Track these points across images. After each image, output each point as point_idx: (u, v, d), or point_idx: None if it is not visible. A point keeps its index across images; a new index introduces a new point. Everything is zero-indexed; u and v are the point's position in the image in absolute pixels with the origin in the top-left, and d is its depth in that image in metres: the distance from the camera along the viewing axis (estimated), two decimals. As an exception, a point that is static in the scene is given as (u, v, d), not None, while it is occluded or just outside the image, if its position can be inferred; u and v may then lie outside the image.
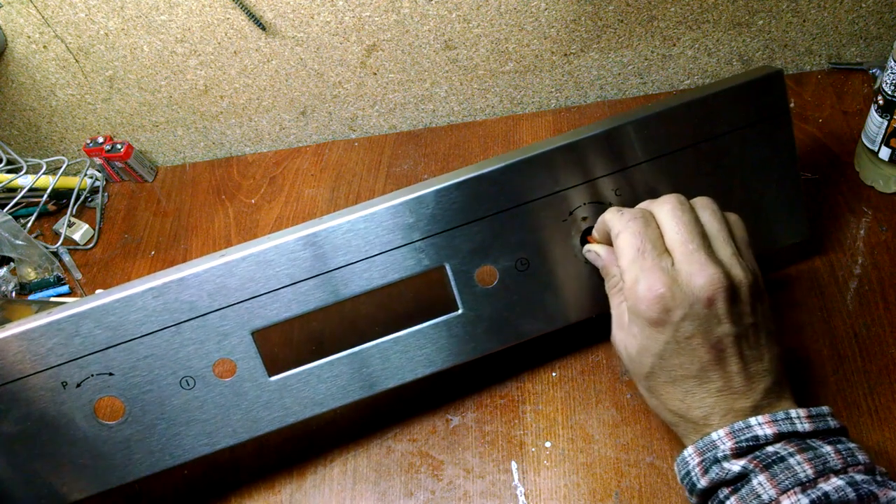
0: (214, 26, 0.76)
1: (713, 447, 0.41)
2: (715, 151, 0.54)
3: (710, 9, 0.73)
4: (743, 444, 0.40)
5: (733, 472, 0.40)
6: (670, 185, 0.54)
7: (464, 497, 0.54)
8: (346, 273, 0.51)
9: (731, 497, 0.40)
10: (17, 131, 0.90)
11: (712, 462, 0.41)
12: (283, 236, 0.50)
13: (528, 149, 0.52)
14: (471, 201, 0.51)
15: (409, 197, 0.50)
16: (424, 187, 0.50)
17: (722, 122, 0.53)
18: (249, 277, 0.50)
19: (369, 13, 0.74)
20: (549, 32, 0.76)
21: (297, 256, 0.50)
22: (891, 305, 0.56)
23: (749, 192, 0.56)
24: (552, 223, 0.53)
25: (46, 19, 0.77)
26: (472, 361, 0.58)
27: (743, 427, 0.41)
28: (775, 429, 0.40)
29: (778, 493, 0.38)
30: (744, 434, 0.41)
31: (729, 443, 0.41)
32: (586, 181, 0.52)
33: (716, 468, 0.41)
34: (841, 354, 0.54)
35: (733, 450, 0.41)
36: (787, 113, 0.54)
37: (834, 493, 0.37)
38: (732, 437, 0.41)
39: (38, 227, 0.87)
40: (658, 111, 0.52)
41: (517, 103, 0.84)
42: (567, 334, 0.59)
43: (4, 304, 0.75)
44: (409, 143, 0.84)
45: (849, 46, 0.76)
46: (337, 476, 0.57)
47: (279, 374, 0.52)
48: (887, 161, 0.61)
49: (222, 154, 0.91)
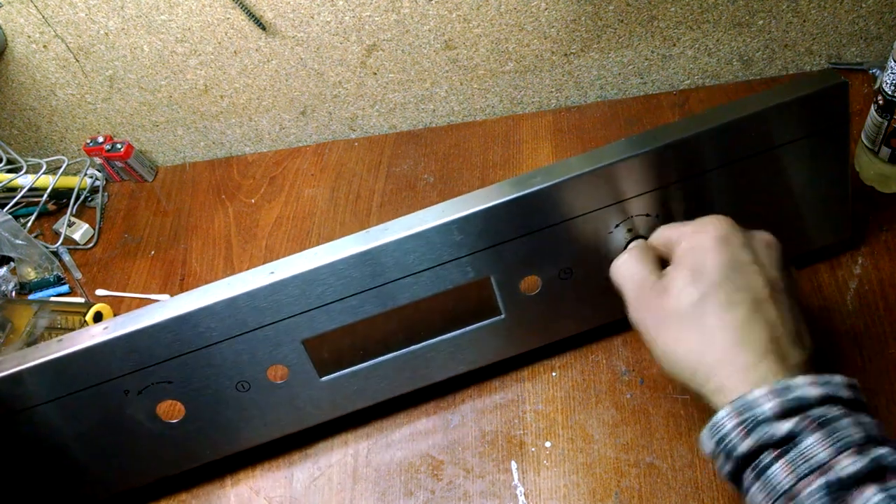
0: (214, 26, 0.76)
1: (753, 406, 0.38)
2: (770, 161, 0.52)
3: (710, 9, 0.73)
4: (789, 404, 0.38)
5: (781, 431, 0.37)
6: (720, 195, 0.53)
7: (464, 497, 0.54)
8: (393, 287, 0.51)
9: (778, 461, 0.37)
10: (17, 131, 0.90)
11: (756, 423, 0.38)
12: (331, 253, 0.50)
13: (576, 163, 0.50)
14: (518, 218, 0.50)
15: (456, 216, 0.49)
16: (472, 204, 0.49)
17: (780, 133, 0.51)
18: (300, 294, 0.50)
19: (369, 13, 0.74)
20: (549, 32, 0.76)
21: (347, 274, 0.50)
22: (891, 305, 0.56)
23: (799, 195, 0.55)
24: (598, 235, 0.52)
25: (46, 19, 0.77)
26: (477, 354, 0.59)
27: (786, 386, 0.38)
28: (821, 391, 0.38)
29: (834, 454, 0.36)
30: (789, 393, 0.38)
31: (772, 402, 0.38)
32: (636, 195, 0.51)
33: (760, 429, 0.38)
34: (841, 354, 0.54)
35: (778, 410, 0.38)
36: (847, 123, 0.52)
37: (888, 455, 0.35)
38: (775, 395, 0.38)
39: (38, 227, 0.87)
40: (716, 125, 0.49)
41: (517, 103, 0.84)
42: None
43: (4, 304, 0.75)
44: (409, 143, 0.84)
45: (849, 46, 0.76)
46: (337, 476, 0.57)
47: (329, 374, 0.55)
48: (887, 161, 0.61)
49: (222, 154, 0.91)
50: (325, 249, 0.50)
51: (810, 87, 0.50)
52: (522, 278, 0.53)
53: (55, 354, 0.49)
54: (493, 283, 0.53)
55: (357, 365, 0.55)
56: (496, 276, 0.53)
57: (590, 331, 0.59)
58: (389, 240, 0.49)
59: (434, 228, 0.49)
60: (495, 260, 0.52)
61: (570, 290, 0.55)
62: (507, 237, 0.51)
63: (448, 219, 0.49)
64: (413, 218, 0.50)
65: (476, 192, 0.50)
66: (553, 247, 0.52)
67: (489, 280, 0.53)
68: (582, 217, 0.51)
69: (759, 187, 0.53)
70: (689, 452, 0.52)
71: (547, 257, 0.53)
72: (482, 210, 0.49)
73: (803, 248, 0.59)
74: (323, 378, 0.55)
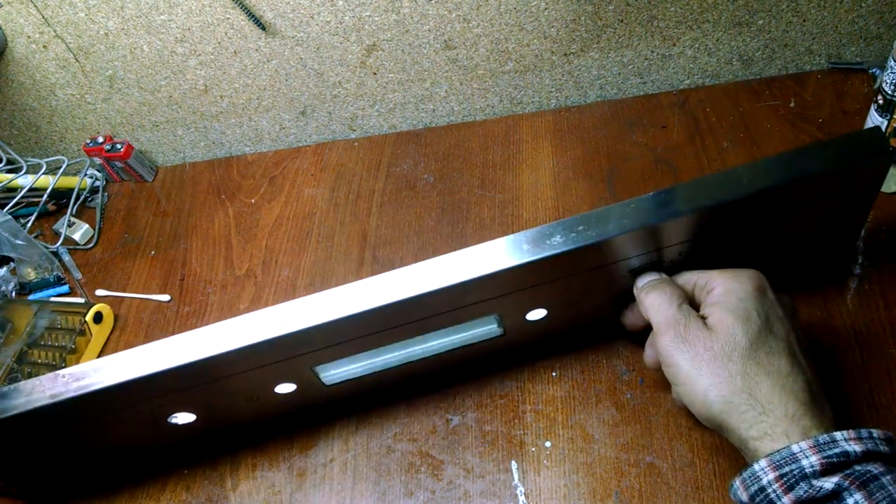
0: (214, 26, 0.76)
1: (794, 461, 0.38)
2: (792, 218, 0.51)
3: (710, 8, 0.73)
4: (833, 459, 0.38)
5: (826, 489, 0.37)
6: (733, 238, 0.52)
7: (464, 497, 0.54)
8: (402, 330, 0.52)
9: None
10: (17, 131, 0.90)
11: (798, 478, 0.38)
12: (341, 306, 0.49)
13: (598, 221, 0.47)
14: (535, 274, 0.49)
15: (472, 277, 0.47)
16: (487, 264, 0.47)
17: (809, 196, 0.49)
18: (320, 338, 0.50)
19: (369, 13, 0.74)
20: (549, 32, 0.76)
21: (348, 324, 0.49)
22: (891, 305, 0.56)
23: (812, 238, 0.55)
24: (611, 279, 0.52)
25: (46, 19, 0.77)
26: (473, 361, 0.59)
27: (829, 441, 0.38)
28: (862, 446, 0.38)
29: None
30: (831, 448, 0.38)
31: (815, 457, 0.38)
32: (658, 249, 0.50)
33: (804, 485, 0.37)
34: (841, 354, 0.54)
35: (823, 465, 0.37)
36: (878, 189, 0.51)
37: None
38: (818, 451, 0.38)
39: (38, 227, 0.87)
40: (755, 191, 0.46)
41: (517, 103, 0.83)
42: (568, 334, 0.59)
43: (4, 304, 0.75)
44: (409, 143, 0.84)
45: (849, 46, 0.76)
46: (337, 476, 0.57)
47: (335, 383, 0.57)
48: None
49: (222, 154, 0.91)
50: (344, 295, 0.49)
51: (854, 157, 0.47)
52: (528, 312, 0.54)
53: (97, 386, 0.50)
54: (497, 318, 0.54)
55: (360, 374, 0.57)
56: (501, 314, 0.53)
57: (590, 331, 0.59)
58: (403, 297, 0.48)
59: (448, 289, 0.48)
60: (504, 303, 0.51)
61: (575, 317, 0.56)
62: (518, 288, 0.50)
63: (463, 280, 0.47)
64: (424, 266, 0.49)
65: (496, 242, 0.48)
66: (563, 291, 0.52)
67: (495, 317, 0.54)
68: (597, 269, 0.50)
69: (774, 235, 0.53)
70: (689, 452, 0.52)
71: (556, 297, 0.53)
72: (497, 272, 0.47)
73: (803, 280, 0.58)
74: (328, 385, 0.56)
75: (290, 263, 0.75)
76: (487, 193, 0.75)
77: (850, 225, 0.56)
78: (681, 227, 0.48)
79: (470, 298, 0.50)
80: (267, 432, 0.60)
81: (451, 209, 0.75)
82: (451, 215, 0.74)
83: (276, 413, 0.59)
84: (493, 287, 0.49)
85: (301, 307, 0.49)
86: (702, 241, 0.50)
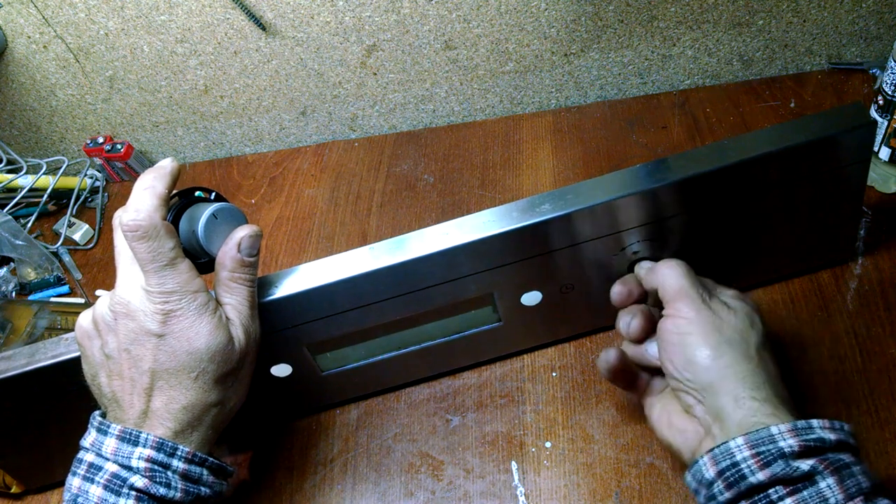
0: (214, 26, 0.76)
1: (771, 441, 0.39)
2: (785, 191, 0.51)
3: (711, 9, 0.73)
4: (811, 443, 0.38)
5: (802, 469, 0.38)
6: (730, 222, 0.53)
7: (464, 497, 0.54)
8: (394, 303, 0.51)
9: (788, 498, 0.37)
10: (17, 131, 0.90)
11: (776, 456, 0.38)
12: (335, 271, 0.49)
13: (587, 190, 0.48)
14: (526, 243, 0.50)
15: (462, 242, 0.48)
16: (478, 229, 0.48)
17: (798, 169, 0.50)
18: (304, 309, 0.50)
19: (369, 13, 0.74)
20: (549, 32, 0.76)
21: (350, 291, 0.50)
22: (891, 305, 0.56)
23: (810, 220, 0.55)
24: (603, 257, 0.52)
25: (47, 19, 0.77)
26: (473, 358, 0.59)
27: (807, 427, 0.39)
28: (836, 435, 0.39)
29: (846, 499, 0.37)
30: (808, 434, 0.39)
31: (794, 440, 0.39)
32: (646, 223, 0.50)
33: (781, 463, 0.38)
34: (841, 354, 0.54)
35: (801, 447, 0.38)
36: (868, 158, 0.51)
37: None
38: (796, 434, 0.39)
39: (38, 227, 0.87)
40: (735, 162, 0.47)
41: (517, 103, 0.84)
42: (567, 334, 0.59)
43: (4, 305, 0.75)
44: (409, 143, 0.84)
45: (849, 46, 0.76)
46: (337, 476, 0.57)
47: (330, 370, 0.57)
48: (887, 161, 0.61)
49: (222, 154, 0.91)
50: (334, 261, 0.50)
51: (837, 128, 0.48)
52: (524, 293, 0.54)
53: None
54: (495, 298, 0.53)
55: (357, 362, 0.56)
56: (499, 292, 0.53)
57: (590, 331, 0.59)
58: (394, 261, 0.49)
59: (440, 253, 0.49)
60: (499, 279, 0.52)
61: (570, 302, 0.55)
62: (512, 259, 0.50)
63: (454, 244, 0.48)
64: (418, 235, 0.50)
65: (486, 212, 0.49)
66: (558, 267, 0.52)
67: (492, 296, 0.53)
68: (589, 242, 0.51)
69: (771, 213, 0.53)
70: (690, 452, 0.52)
71: (549, 276, 0.53)
72: (487, 237, 0.48)
73: (807, 269, 0.59)
74: (324, 373, 0.56)
75: (290, 263, 0.74)
76: (487, 193, 0.75)
77: (847, 211, 0.55)
78: (671, 195, 0.49)
79: (463, 269, 0.50)
80: (267, 432, 0.60)
81: (451, 209, 0.75)
82: (451, 215, 0.74)
83: (271, 404, 0.58)
84: (486, 256, 0.49)
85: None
86: (696, 221, 0.51)
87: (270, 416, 0.61)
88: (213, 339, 0.44)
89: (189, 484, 0.44)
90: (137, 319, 0.44)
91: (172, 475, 0.43)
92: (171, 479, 0.43)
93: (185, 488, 0.43)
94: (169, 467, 0.43)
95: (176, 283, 0.44)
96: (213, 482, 0.45)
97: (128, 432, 0.43)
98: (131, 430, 0.43)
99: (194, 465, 0.44)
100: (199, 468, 0.44)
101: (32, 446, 0.56)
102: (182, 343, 0.44)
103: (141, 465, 0.42)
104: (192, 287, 0.44)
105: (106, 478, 0.42)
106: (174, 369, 0.44)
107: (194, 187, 0.48)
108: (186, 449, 0.44)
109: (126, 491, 0.42)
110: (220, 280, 0.47)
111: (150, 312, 0.44)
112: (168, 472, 0.43)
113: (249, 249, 0.47)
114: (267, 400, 0.58)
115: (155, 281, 0.44)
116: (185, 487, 0.43)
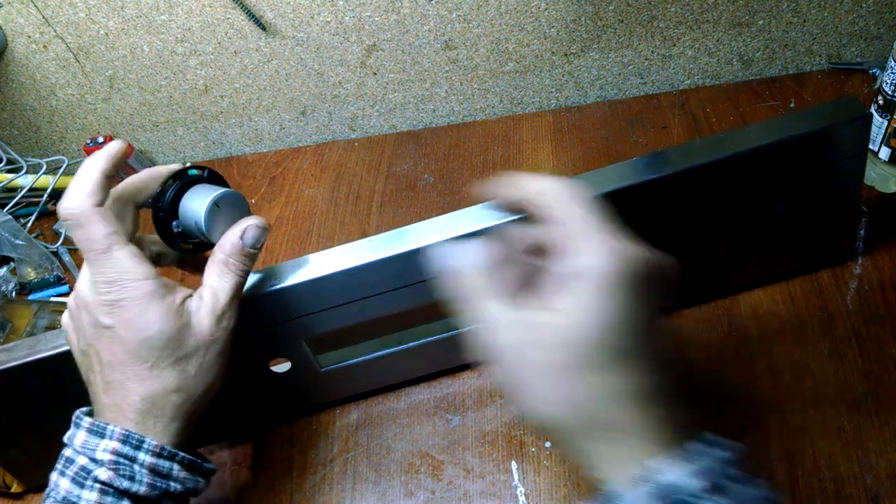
0: (214, 26, 0.76)
1: None
2: (783, 190, 0.51)
3: (711, 9, 0.73)
4: None
5: None
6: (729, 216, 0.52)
7: (464, 497, 0.54)
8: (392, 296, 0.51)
9: None
10: (18, 131, 0.90)
11: None
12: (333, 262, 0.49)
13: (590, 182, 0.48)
14: None
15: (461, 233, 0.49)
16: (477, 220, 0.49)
17: (794, 162, 0.50)
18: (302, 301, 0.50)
19: (369, 13, 0.74)
20: (549, 32, 0.76)
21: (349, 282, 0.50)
22: (891, 305, 0.56)
23: (808, 216, 0.54)
24: None
25: (47, 19, 0.77)
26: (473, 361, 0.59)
27: None
28: None
29: None
30: None
31: None
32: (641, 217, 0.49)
33: None
34: (841, 354, 0.54)
35: None
36: (865, 152, 0.51)
37: None
38: None
39: (38, 227, 0.87)
40: (738, 152, 0.47)
41: (517, 103, 0.84)
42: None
43: (4, 304, 0.75)
44: (409, 143, 0.84)
45: (849, 46, 0.76)
46: (337, 476, 0.57)
47: (329, 366, 0.56)
48: (887, 161, 0.61)
49: (222, 154, 0.91)
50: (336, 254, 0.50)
51: (833, 119, 0.48)
52: None
53: None
54: None
55: (352, 360, 0.56)
56: None
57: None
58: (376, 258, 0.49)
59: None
60: None
61: None
62: None
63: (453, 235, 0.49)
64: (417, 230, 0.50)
65: (485, 203, 0.49)
66: None
67: None
68: None
69: (768, 209, 0.53)
70: (690, 452, 0.52)
71: None
72: (489, 228, 0.48)
73: (806, 268, 0.59)
74: (324, 369, 0.56)
75: (290, 263, 0.75)
76: (487, 193, 0.75)
77: (845, 208, 0.55)
78: (667, 187, 0.49)
79: None
80: (266, 432, 0.60)
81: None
82: (451, 215, 0.74)
83: (270, 402, 0.58)
84: None
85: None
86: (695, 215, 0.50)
87: (270, 414, 0.61)
88: (165, 325, 0.42)
89: (157, 478, 0.42)
90: (91, 312, 0.43)
91: (139, 468, 0.42)
92: (137, 472, 0.42)
93: (152, 482, 0.42)
94: (135, 460, 0.42)
95: (115, 271, 0.42)
96: (184, 478, 0.44)
97: (96, 425, 0.42)
98: (99, 423, 0.42)
99: (163, 458, 0.43)
100: (169, 462, 0.43)
101: (33, 445, 0.56)
102: (131, 333, 0.42)
103: (105, 457, 0.41)
104: (136, 274, 0.42)
105: (74, 471, 0.41)
106: (128, 360, 0.42)
107: (188, 166, 0.48)
108: (154, 442, 0.42)
109: (90, 483, 0.41)
110: (215, 260, 0.46)
111: (97, 304, 0.42)
112: (134, 466, 0.42)
113: (253, 240, 0.46)
114: (266, 397, 0.58)
115: (96, 270, 0.42)
116: (151, 482, 0.42)
